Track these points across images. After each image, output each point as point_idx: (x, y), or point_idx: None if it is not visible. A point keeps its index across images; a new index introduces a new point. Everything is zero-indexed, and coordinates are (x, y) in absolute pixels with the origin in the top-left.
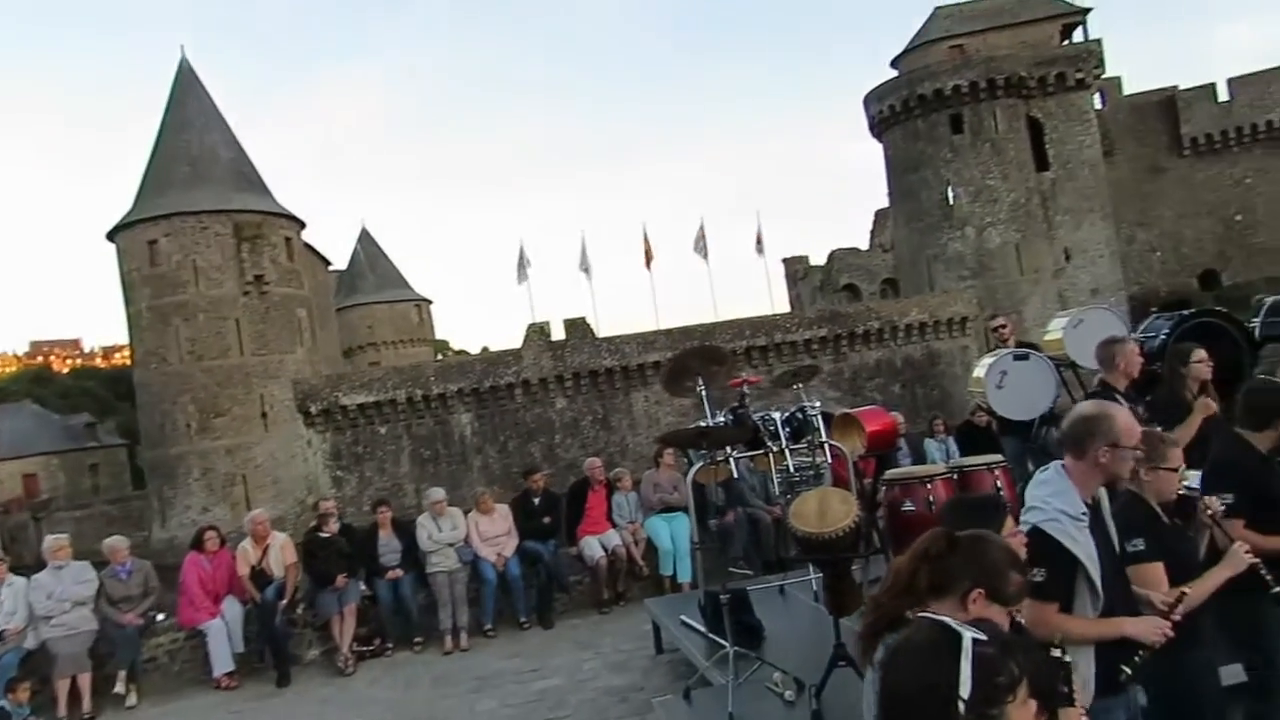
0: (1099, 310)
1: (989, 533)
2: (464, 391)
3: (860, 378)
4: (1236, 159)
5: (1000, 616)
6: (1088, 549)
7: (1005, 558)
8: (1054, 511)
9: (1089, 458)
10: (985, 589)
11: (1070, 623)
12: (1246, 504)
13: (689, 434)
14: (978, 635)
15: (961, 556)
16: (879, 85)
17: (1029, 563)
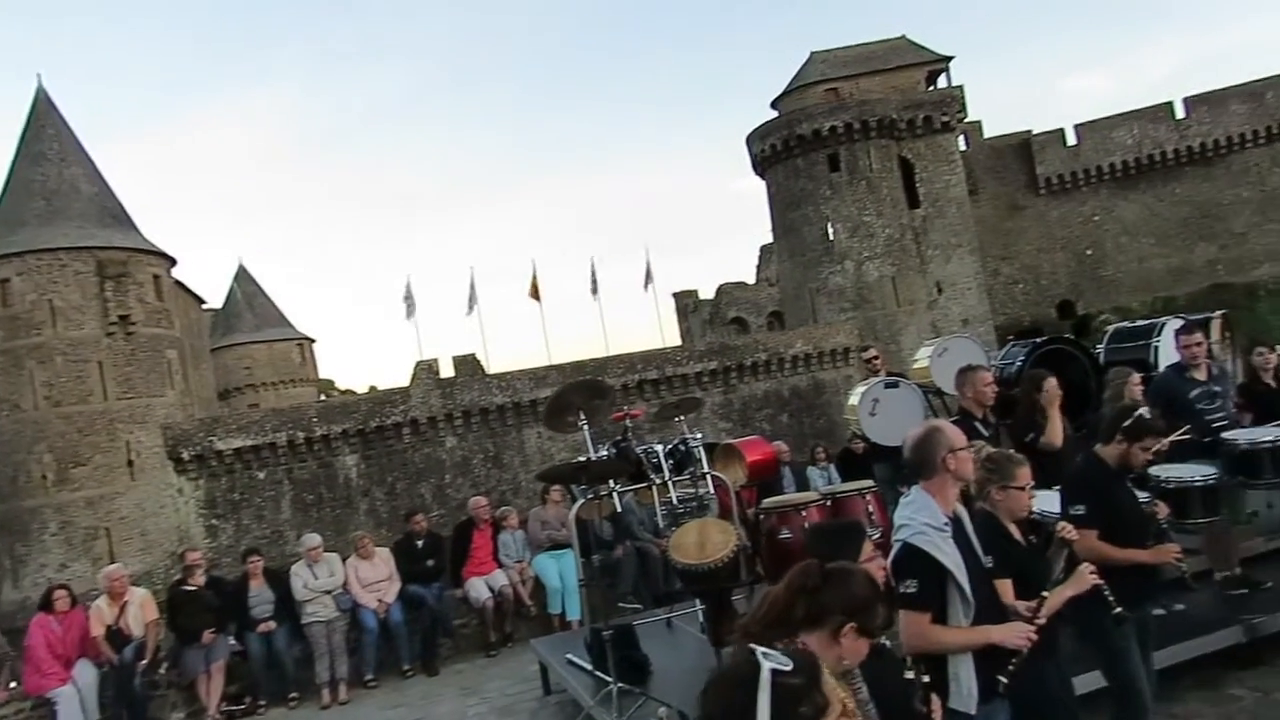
0: (961, 339)
1: (856, 566)
2: (349, 432)
3: (750, 409)
4: (1085, 198)
5: (864, 649)
6: (955, 558)
7: (873, 591)
8: (920, 525)
9: (939, 470)
10: (857, 623)
11: (942, 633)
12: (1098, 516)
13: (569, 469)
14: (780, 666)
15: (833, 590)
16: (760, 125)
17: (903, 576)
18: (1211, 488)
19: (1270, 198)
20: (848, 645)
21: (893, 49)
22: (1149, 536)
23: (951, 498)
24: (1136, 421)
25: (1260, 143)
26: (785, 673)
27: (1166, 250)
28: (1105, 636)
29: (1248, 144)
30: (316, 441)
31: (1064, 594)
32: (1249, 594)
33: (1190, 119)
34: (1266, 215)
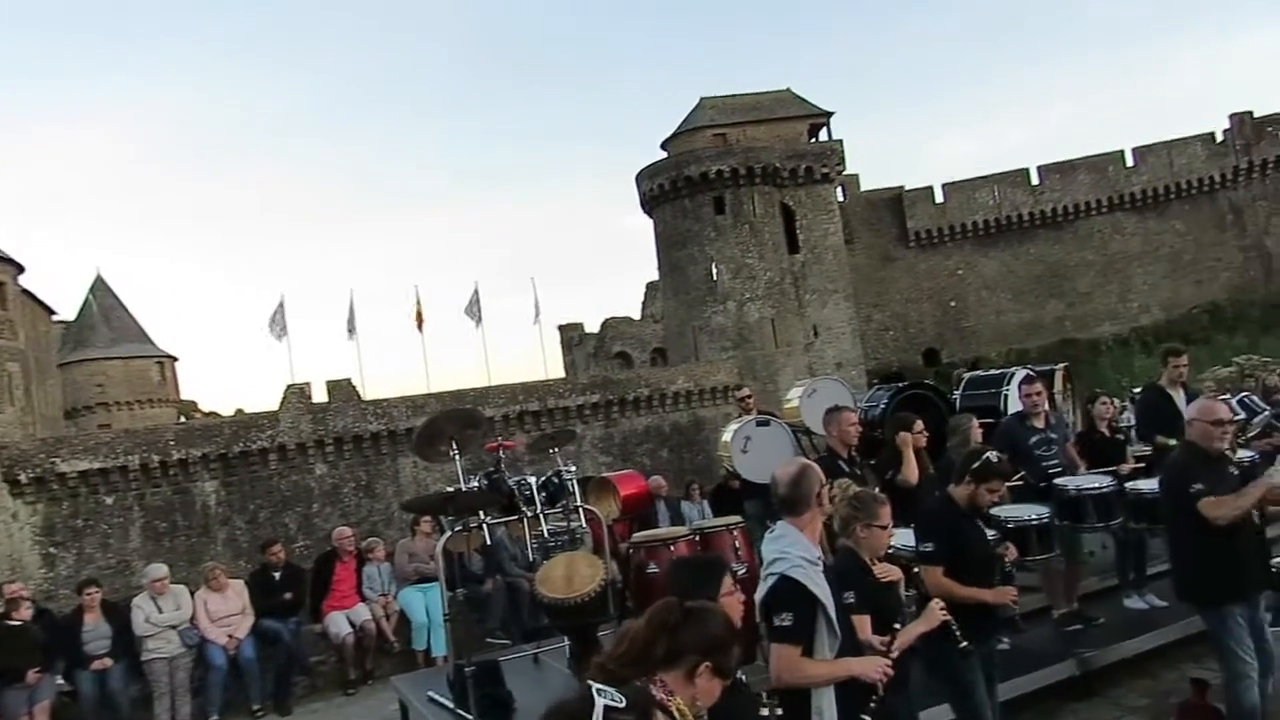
0: (830, 381)
1: (715, 605)
2: (209, 457)
3: (630, 443)
4: (950, 252)
5: (718, 688)
6: (825, 591)
7: (730, 631)
8: (795, 558)
9: (812, 506)
10: (712, 663)
11: (809, 666)
12: (946, 553)
13: (436, 499)
14: (613, 704)
15: (692, 628)
16: (650, 165)
17: (778, 609)
18: (1046, 527)
19: (1110, 262)
20: (703, 685)
21: (778, 100)
22: (995, 575)
23: (818, 533)
24: (984, 464)
25: (1103, 211)
26: (617, 709)
27: (1020, 306)
28: (954, 670)
29: (1092, 212)
30: (173, 466)
31: (916, 629)
32: (1083, 629)
33: (1044, 185)
34: (1107, 278)
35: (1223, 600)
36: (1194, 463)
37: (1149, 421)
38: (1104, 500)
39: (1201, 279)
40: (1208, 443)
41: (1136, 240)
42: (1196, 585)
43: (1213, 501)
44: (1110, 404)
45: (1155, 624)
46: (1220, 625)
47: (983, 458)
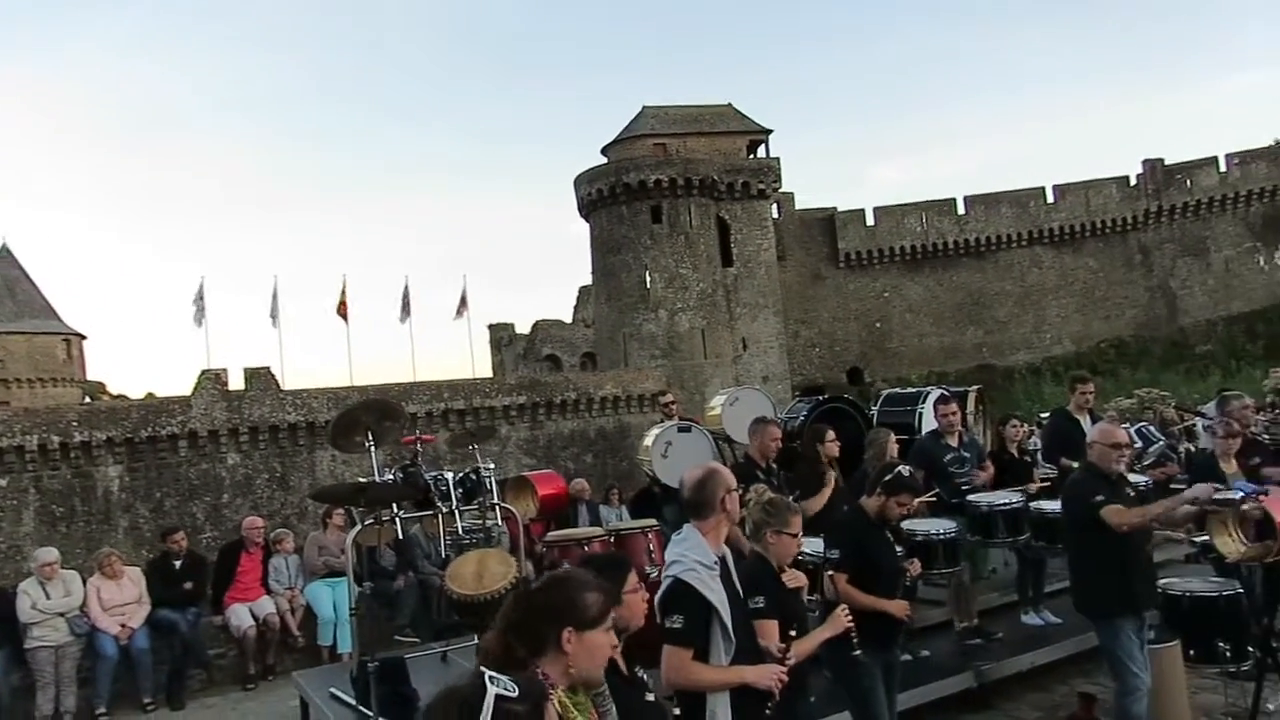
0: (752, 391)
1: (559, 572)
2: (115, 441)
3: (555, 446)
4: (878, 275)
5: (604, 638)
6: (720, 596)
7: (573, 583)
8: (691, 562)
9: (717, 510)
10: (571, 624)
11: (702, 671)
12: (850, 561)
13: (346, 490)
14: (505, 692)
15: (535, 610)
16: (589, 169)
17: (670, 611)
18: (952, 541)
19: (1028, 293)
20: (575, 650)
21: (719, 114)
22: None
23: (723, 538)
24: (895, 478)
25: (1023, 244)
26: (510, 699)
27: (942, 330)
28: (855, 678)
29: (1013, 244)
30: (74, 448)
31: (821, 635)
32: (983, 643)
33: (969, 215)
34: (1024, 308)
35: (1116, 614)
36: (1094, 481)
37: (1055, 444)
38: (1013, 517)
39: (1110, 315)
40: (1106, 464)
41: (1052, 274)
42: (1092, 598)
43: (1115, 510)
44: (1020, 427)
45: (1050, 640)
46: (1113, 639)
47: (894, 471)
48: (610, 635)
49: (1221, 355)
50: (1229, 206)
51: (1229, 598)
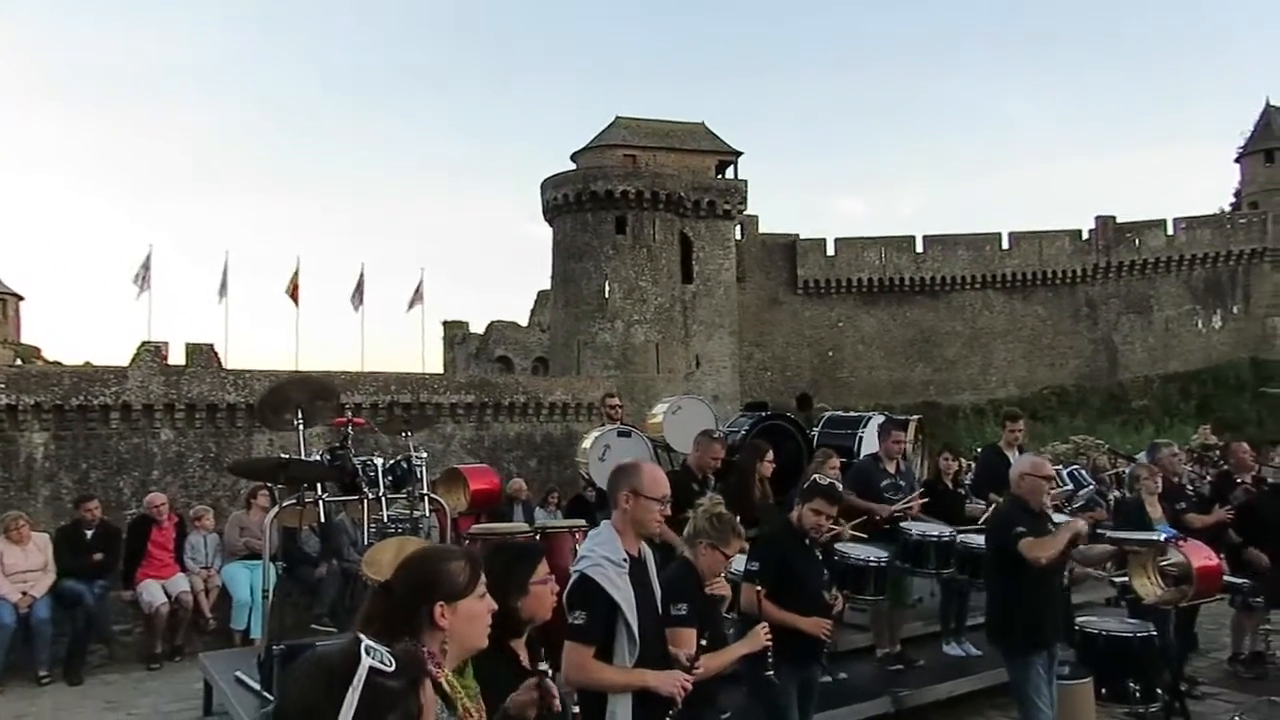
0: (695, 401)
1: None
2: (43, 406)
3: (500, 448)
4: (834, 304)
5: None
6: (627, 595)
7: (435, 556)
8: (598, 558)
9: (619, 506)
10: (441, 597)
11: (602, 670)
12: (770, 574)
13: (267, 465)
14: (381, 665)
15: (398, 591)
16: (557, 174)
17: (573, 607)
18: (883, 569)
19: (976, 335)
20: (452, 624)
21: (690, 132)
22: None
23: (632, 536)
24: (810, 485)
25: (976, 287)
26: (385, 673)
27: (892, 364)
28: (770, 696)
29: (967, 286)
30: None
31: (736, 651)
32: (903, 670)
33: (927, 254)
34: (972, 349)
35: (1026, 648)
36: (1017, 513)
37: (984, 479)
38: (944, 548)
39: (1054, 363)
40: (1033, 497)
41: (1002, 318)
42: (1004, 631)
43: (1031, 542)
44: (953, 460)
45: (969, 670)
46: (1021, 673)
47: (810, 480)
48: (487, 602)
49: (1156, 411)
50: (1174, 268)
51: (1143, 639)
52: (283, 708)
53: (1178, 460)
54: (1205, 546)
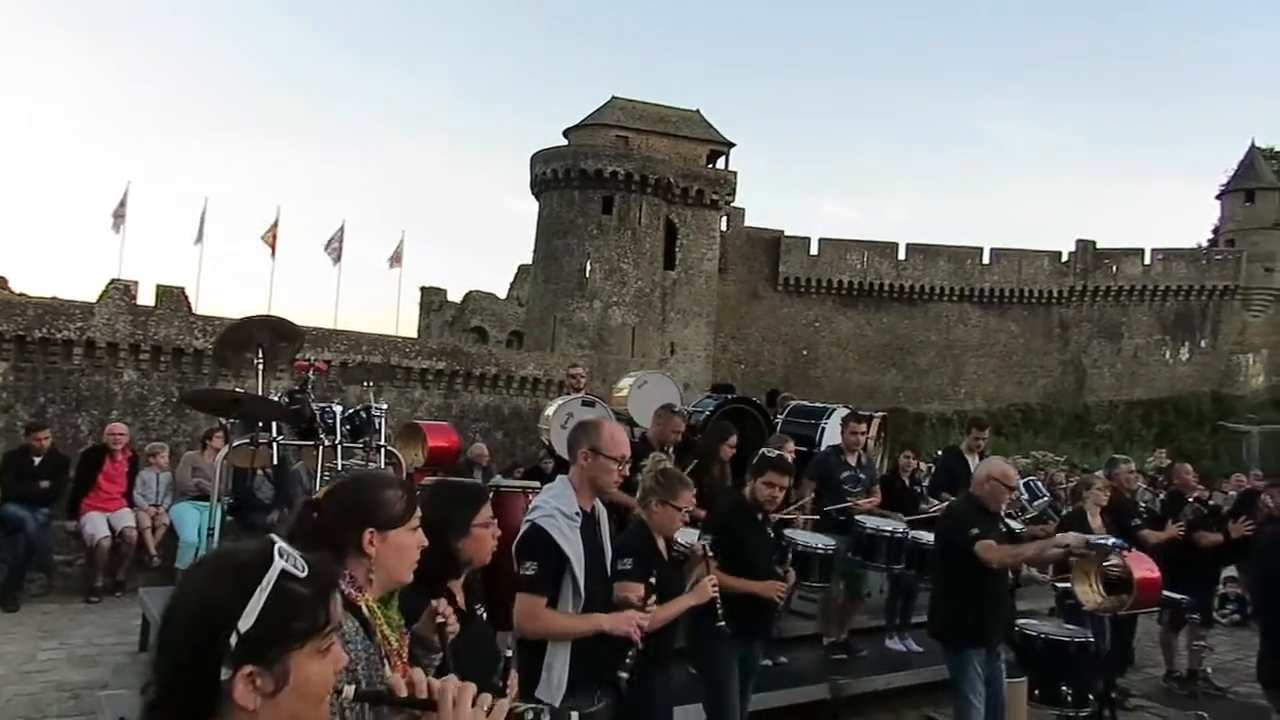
0: (661, 376)
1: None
2: (4, 336)
3: (468, 418)
4: (813, 304)
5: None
6: (576, 548)
7: (370, 482)
8: (551, 509)
9: (577, 462)
10: (372, 525)
11: (555, 618)
12: (722, 547)
13: (220, 398)
14: (294, 569)
15: (328, 512)
16: (548, 149)
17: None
18: (829, 557)
19: (950, 346)
20: (379, 553)
21: (685, 119)
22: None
23: (587, 491)
24: (760, 458)
25: (954, 299)
26: (296, 578)
27: (864, 368)
28: (713, 668)
29: (944, 297)
30: None
31: (685, 602)
32: (847, 660)
33: (908, 262)
34: (944, 360)
35: (966, 644)
36: (973, 513)
37: (942, 479)
38: (896, 543)
39: (1023, 380)
40: (991, 500)
41: (976, 332)
42: (946, 626)
43: (988, 545)
44: (913, 459)
45: (909, 665)
46: (959, 669)
47: (760, 453)
48: (418, 536)
49: (1118, 435)
50: (1147, 298)
51: (1080, 644)
52: (180, 601)
53: (1134, 478)
54: (1149, 559)
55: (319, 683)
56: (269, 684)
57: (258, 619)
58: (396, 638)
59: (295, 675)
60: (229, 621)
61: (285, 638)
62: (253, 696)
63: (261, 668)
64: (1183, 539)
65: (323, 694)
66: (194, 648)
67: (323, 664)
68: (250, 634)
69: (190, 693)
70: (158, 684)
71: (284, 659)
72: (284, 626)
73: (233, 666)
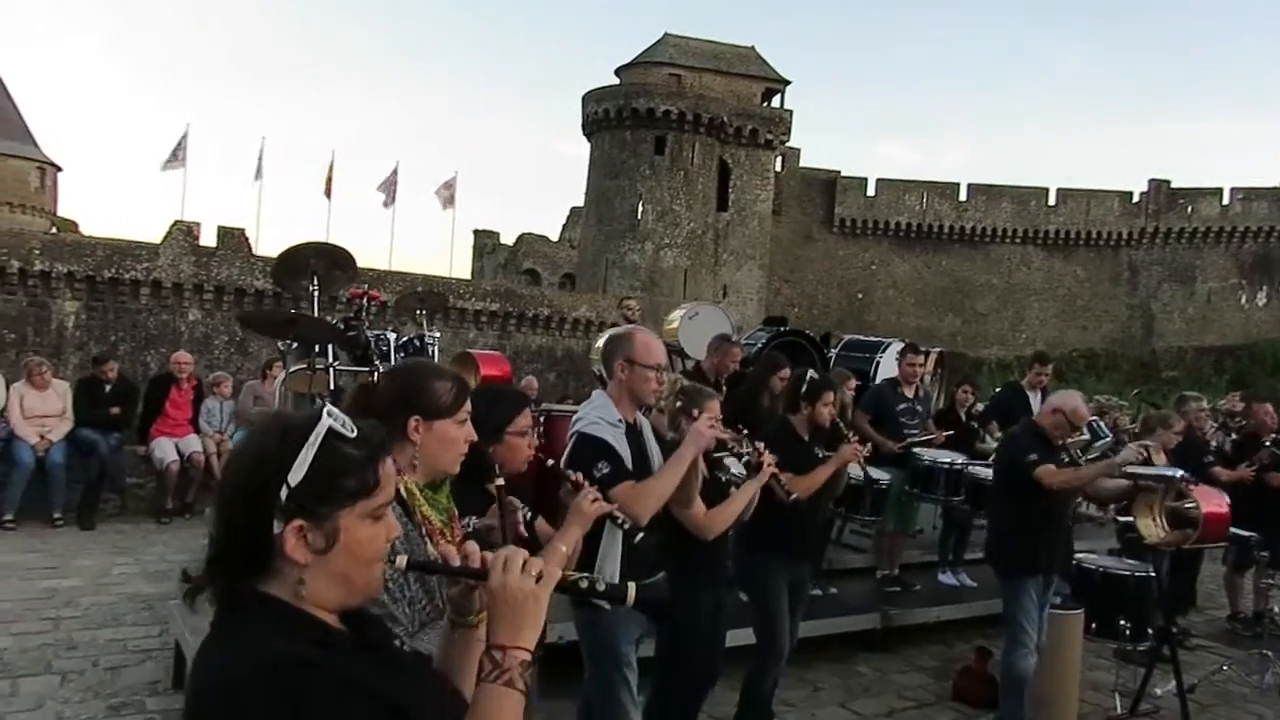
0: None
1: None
2: (76, 276)
3: (521, 359)
4: (869, 246)
5: (457, 431)
6: (623, 448)
7: (421, 371)
8: (594, 418)
9: (614, 375)
10: (419, 412)
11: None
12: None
13: (276, 316)
14: (342, 429)
15: (379, 395)
16: (599, 88)
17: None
18: (883, 492)
19: (1011, 290)
20: (424, 440)
21: (740, 56)
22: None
23: (627, 404)
24: (810, 384)
25: (1016, 241)
26: (345, 438)
27: (922, 313)
28: (763, 592)
29: (1007, 239)
30: (33, 276)
31: (750, 488)
32: (899, 592)
33: (969, 203)
34: (1005, 305)
35: (1023, 571)
36: (1033, 439)
37: (996, 411)
38: (954, 475)
39: (1087, 325)
40: (1055, 432)
41: (1039, 276)
42: (1003, 552)
43: (1048, 469)
44: (971, 393)
45: (961, 599)
46: (1013, 596)
47: (804, 379)
48: (466, 430)
49: (1186, 382)
50: (1224, 240)
51: (1140, 579)
52: (236, 457)
53: (1204, 416)
54: (1218, 493)
55: (370, 546)
56: (319, 540)
57: (306, 474)
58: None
59: (345, 535)
60: (279, 474)
61: (334, 494)
62: (303, 551)
63: (311, 523)
64: (1253, 481)
65: (374, 558)
66: (247, 501)
67: (374, 529)
68: (299, 488)
69: (245, 546)
70: (216, 539)
71: (334, 516)
72: (332, 483)
73: (284, 520)
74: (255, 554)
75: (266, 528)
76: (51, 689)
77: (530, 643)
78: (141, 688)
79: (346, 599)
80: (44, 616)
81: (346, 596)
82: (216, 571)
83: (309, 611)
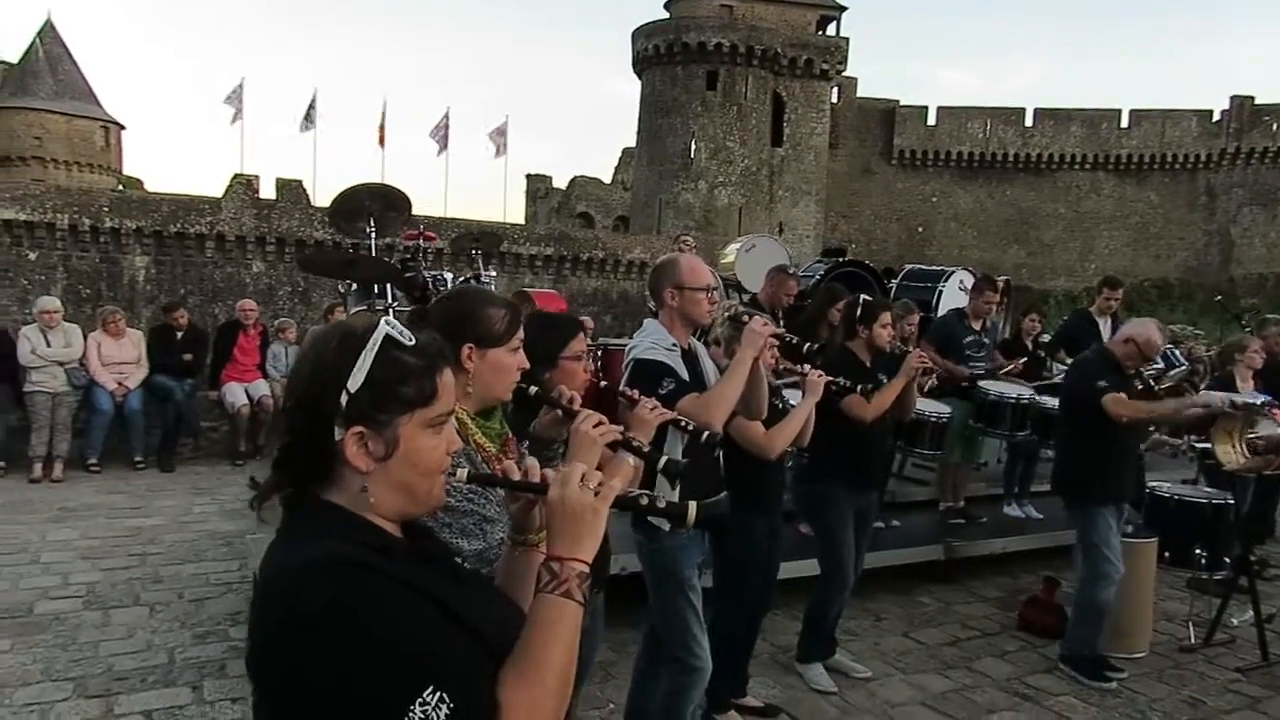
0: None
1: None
2: (144, 231)
3: (577, 302)
4: (930, 178)
5: (510, 359)
6: (683, 374)
7: (474, 297)
8: (648, 345)
9: (664, 304)
10: (472, 340)
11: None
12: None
13: (336, 260)
14: (400, 336)
15: (432, 321)
16: (649, 23)
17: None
18: (941, 425)
19: (1079, 219)
20: (477, 368)
21: None
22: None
23: (680, 329)
24: (865, 308)
25: (1086, 167)
26: (402, 345)
27: (985, 245)
28: (827, 521)
29: (1076, 165)
30: (104, 234)
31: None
32: (964, 524)
33: (1036, 129)
34: (1073, 234)
35: (1096, 499)
36: (1104, 366)
37: (1063, 338)
38: (1020, 410)
39: (1160, 254)
40: (1127, 360)
41: (1110, 203)
42: (1073, 481)
43: (1117, 399)
44: (1039, 322)
45: (1026, 531)
46: (1089, 524)
47: (859, 303)
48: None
49: (1266, 311)
50: None
51: (1218, 507)
52: (298, 366)
53: None
54: None
55: (430, 456)
56: (379, 448)
57: (365, 380)
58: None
59: (405, 444)
60: (338, 380)
61: (392, 402)
62: (364, 458)
63: (371, 430)
64: None
65: (434, 469)
66: (308, 406)
67: (434, 439)
68: (359, 394)
69: (307, 451)
70: (280, 445)
71: (393, 424)
72: (390, 390)
73: (344, 426)
74: (317, 460)
75: (327, 434)
76: (141, 619)
77: (589, 555)
78: (224, 618)
79: (408, 508)
80: (131, 553)
81: (408, 506)
82: (282, 477)
83: (370, 519)
